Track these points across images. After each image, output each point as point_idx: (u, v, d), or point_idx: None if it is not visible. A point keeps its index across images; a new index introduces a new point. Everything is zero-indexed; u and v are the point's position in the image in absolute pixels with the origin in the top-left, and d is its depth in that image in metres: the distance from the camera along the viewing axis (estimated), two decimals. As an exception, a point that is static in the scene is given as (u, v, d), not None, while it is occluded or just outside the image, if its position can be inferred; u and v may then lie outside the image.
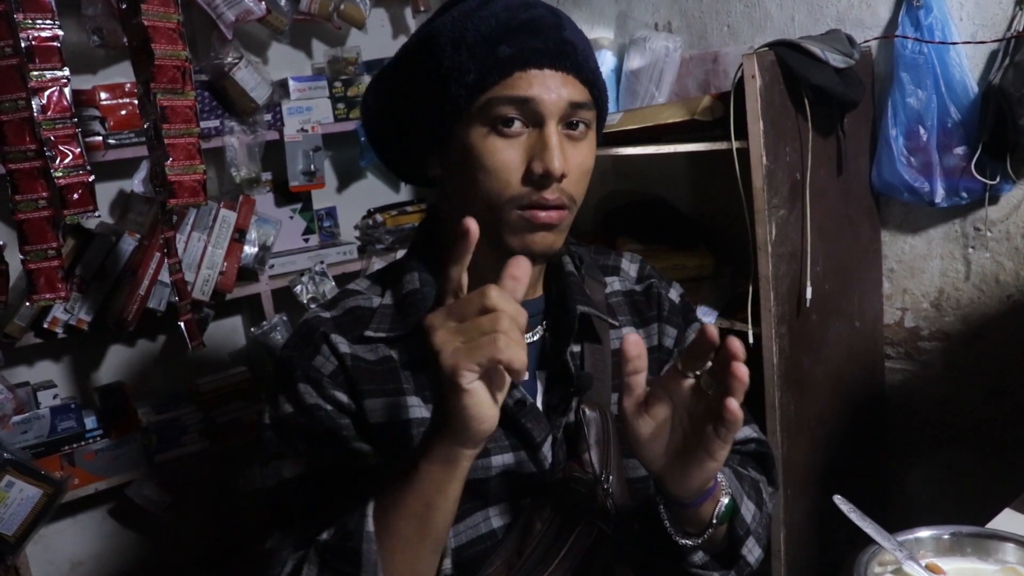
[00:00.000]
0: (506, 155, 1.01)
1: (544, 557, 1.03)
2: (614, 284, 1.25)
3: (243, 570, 2.69)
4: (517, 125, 1.01)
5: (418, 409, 1.07)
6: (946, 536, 1.02)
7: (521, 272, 0.83)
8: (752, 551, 1.09)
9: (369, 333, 1.10)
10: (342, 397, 1.07)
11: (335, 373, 1.08)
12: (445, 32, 1.04)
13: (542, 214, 1.02)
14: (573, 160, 1.03)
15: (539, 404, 1.13)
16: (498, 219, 1.03)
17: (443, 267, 0.85)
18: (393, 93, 1.15)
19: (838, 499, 1.10)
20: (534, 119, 1.01)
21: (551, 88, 1.01)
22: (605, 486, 1.08)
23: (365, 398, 1.07)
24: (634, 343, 0.88)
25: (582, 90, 1.04)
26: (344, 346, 1.09)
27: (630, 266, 1.29)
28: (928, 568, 0.98)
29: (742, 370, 0.85)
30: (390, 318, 1.12)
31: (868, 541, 0.99)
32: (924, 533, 1.02)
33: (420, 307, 1.09)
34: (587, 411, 1.11)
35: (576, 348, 1.14)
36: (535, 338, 1.15)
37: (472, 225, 0.82)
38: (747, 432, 1.26)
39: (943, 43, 1.94)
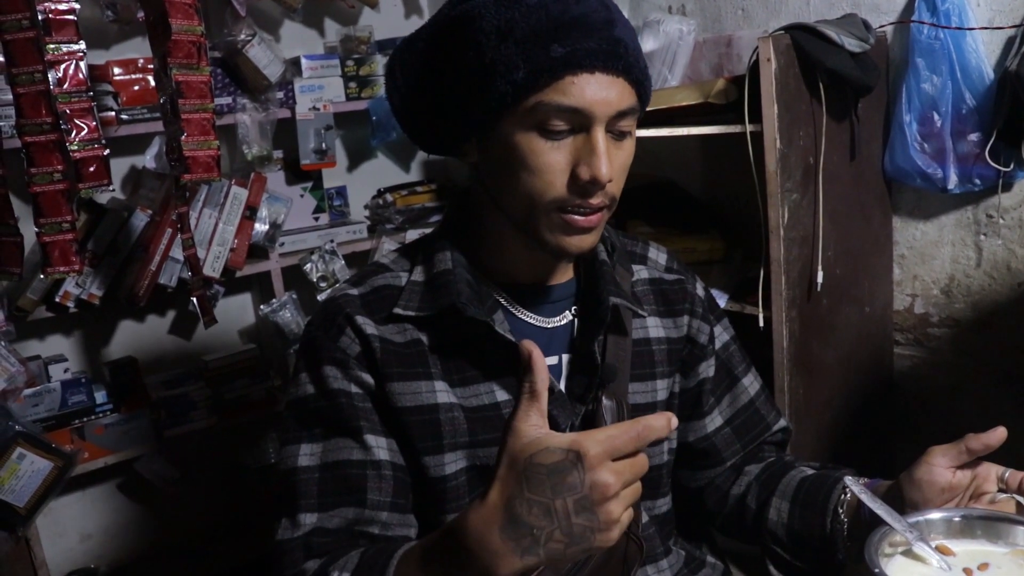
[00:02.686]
0: (551, 157, 0.99)
1: None
2: (641, 272, 1.25)
3: (250, 545, 2.71)
4: (563, 129, 0.99)
5: (444, 394, 1.07)
6: (956, 518, 1.02)
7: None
8: None
9: (398, 311, 1.09)
10: (368, 378, 1.07)
11: (360, 356, 1.07)
12: (488, 18, 1.00)
13: (581, 219, 1.01)
14: (617, 162, 1.01)
15: (562, 385, 1.13)
16: (537, 217, 1.02)
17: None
18: (427, 72, 1.11)
19: (849, 480, 1.10)
20: (581, 124, 0.99)
21: (601, 94, 0.97)
22: None
23: (391, 381, 1.07)
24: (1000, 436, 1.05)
25: (630, 92, 1.00)
26: (370, 327, 1.08)
27: (658, 255, 1.29)
28: (938, 550, 0.98)
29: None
30: (419, 296, 1.10)
31: (878, 522, 0.99)
32: (935, 515, 1.02)
33: (451, 289, 1.07)
34: (604, 400, 1.11)
35: (601, 337, 1.14)
36: (563, 322, 1.15)
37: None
38: (781, 423, 1.31)
39: (959, 29, 1.94)
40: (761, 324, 1.99)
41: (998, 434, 1.04)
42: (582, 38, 0.96)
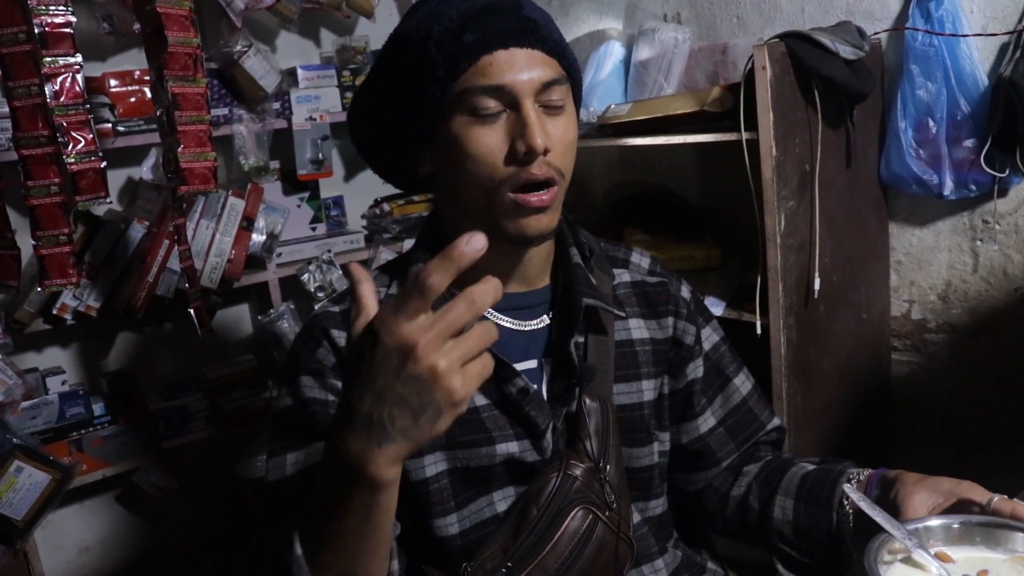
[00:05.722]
0: (488, 139, 1.03)
1: (538, 542, 1.05)
2: (623, 276, 1.26)
3: (248, 557, 2.70)
4: (494, 110, 1.03)
5: None
6: (956, 525, 1.02)
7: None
8: None
9: None
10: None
11: (336, 366, 1.10)
12: (411, 33, 1.07)
13: (533, 198, 1.04)
14: (555, 134, 1.05)
15: (544, 392, 1.15)
16: (492, 204, 1.06)
17: (426, 270, 0.72)
18: (376, 101, 1.18)
19: (848, 488, 1.10)
20: (510, 101, 1.03)
21: (520, 68, 1.02)
22: (602, 475, 1.10)
23: None
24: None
25: (552, 63, 1.05)
26: (345, 341, 1.10)
27: (641, 259, 1.30)
28: (938, 556, 0.98)
29: None
30: None
31: (877, 530, 0.99)
32: (933, 522, 1.02)
33: None
34: (588, 401, 1.12)
35: (581, 339, 1.15)
36: (541, 326, 1.17)
37: (478, 242, 0.71)
38: (775, 422, 1.32)
39: (953, 35, 1.94)
40: (759, 331, 1.99)
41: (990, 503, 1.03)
42: (491, 22, 1.03)
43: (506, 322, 1.15)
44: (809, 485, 1.19)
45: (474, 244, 0.70)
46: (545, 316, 1.17)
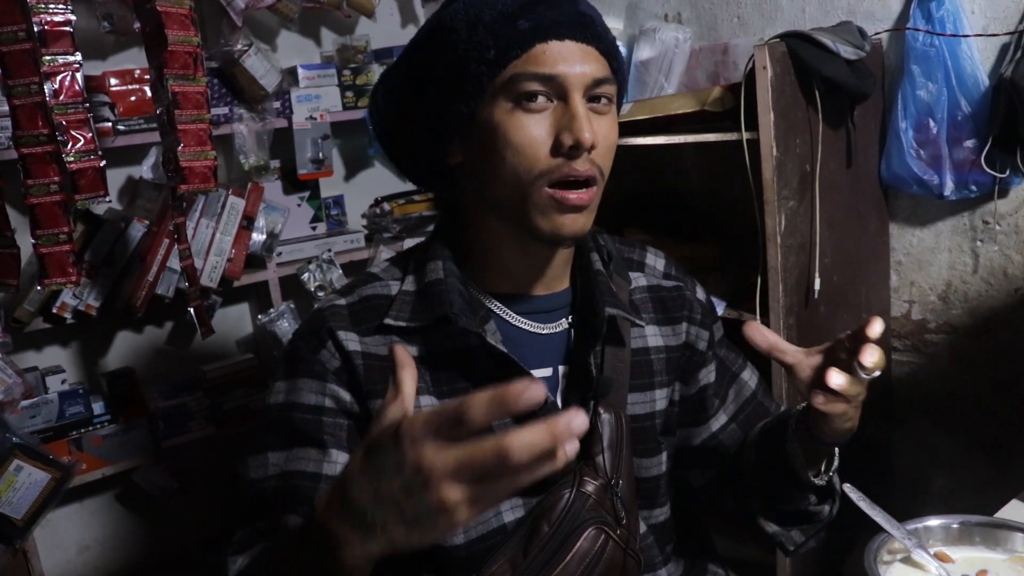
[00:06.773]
0: (533, 130, 1.00)
1: (549, 561, 1.03)
2: (639, 280, 1.24)
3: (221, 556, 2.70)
4: (541, 100, 1.00)
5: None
6: (955, 525, 1.02)
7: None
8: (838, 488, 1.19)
9: (389, 321, 1.08)
10: (345, 395, 1.06)
11: (339, 370, 1.07)
12: (459, 17, 1.04)
13: (572, 196, 1.01)
14: (600, 132, 1.02)
15: (558, 398, 1.13)
16: (526, 199, 1.02)
17: (474, 403, 0.64)
18: (406, 87, 1.14)
19: (848, 488, 1.10)
20: (559, 93, 1.00)
21: (574, 61, 1.00)
22: (616, 490, 1.09)
23: (375, 398, 1.06)
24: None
25: (603, 63, 1.03)
26: (353, 343, 1.07)
27: (656, 260, 1.29)
28: (937, 556, 0.98)
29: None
30: (411, 306, 1.09)
31: (877, 530, 0.99)
32: (933, 522, 1.03)
33: (443, 299, 1.06)
34: (602, 413, 1.11)
35: (598, 348, 1.13)
36: (559, 330, 1.14)
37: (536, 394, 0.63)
38: (781, 409, 1.31)
39: (954, 36, 1.94)
40: (759, 331, 1.99)
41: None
42: (547, 11, 1.00)
43: (525, 324, 1.13)
44: (764, 429, 1.21)
45: (532, 395, 0.62)
46: (564, 320, 1.15)
